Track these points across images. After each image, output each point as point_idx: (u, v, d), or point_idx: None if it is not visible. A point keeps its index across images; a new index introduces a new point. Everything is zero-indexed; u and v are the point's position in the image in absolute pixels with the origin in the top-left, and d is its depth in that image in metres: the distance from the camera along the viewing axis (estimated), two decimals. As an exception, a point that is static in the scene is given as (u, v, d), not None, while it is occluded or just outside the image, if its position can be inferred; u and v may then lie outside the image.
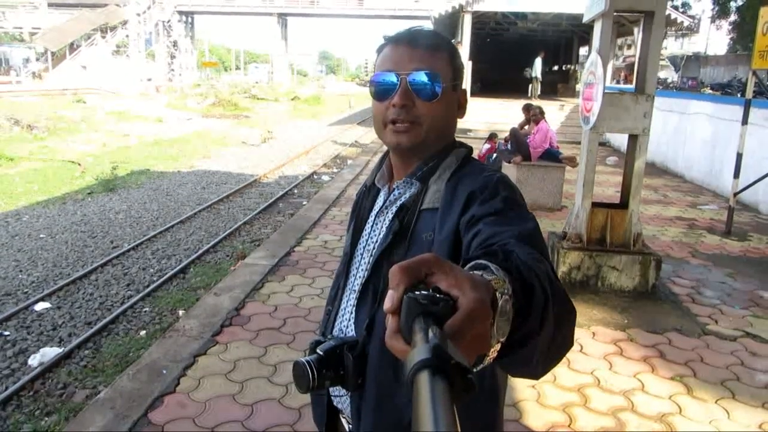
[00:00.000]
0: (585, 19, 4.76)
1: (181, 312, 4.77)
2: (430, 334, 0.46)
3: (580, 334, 3.85)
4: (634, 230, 4.63)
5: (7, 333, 4.43)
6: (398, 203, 1.08)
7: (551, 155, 7.49)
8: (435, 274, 0.54)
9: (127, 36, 36.02)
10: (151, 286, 5.37)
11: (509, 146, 7.84)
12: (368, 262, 1.09)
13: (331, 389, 1.14)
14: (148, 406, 2.90)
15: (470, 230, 0.89)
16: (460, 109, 1.11)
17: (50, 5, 37.54)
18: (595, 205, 4.68)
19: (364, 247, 1.13)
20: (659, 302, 4.49)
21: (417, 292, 0.52)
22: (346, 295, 1.14)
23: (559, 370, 3.36)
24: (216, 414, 2.86)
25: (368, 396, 1.03)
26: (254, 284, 4.60)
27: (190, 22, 40.88)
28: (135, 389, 3.05)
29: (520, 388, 3.15)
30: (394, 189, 1.10)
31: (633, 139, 4.60)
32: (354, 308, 1.10)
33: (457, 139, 1.14)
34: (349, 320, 1.11)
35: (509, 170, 7.82)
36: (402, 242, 1.03)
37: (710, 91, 14.74)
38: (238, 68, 66.07)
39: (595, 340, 3.80)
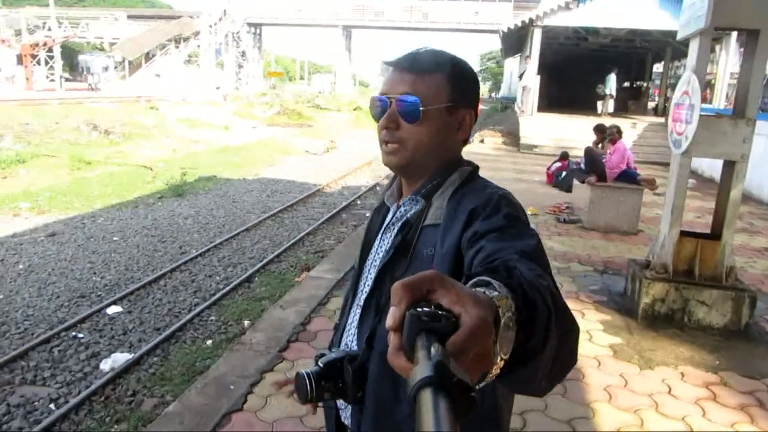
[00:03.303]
0: (679, 37, 4.48)
1: (246, 323, 4.77)
2: (433, 351, 0.46)
3: (667, 373, 3.57)
4: (727, 263, 4.29)
5: (81, 336, 4.53)
6: (403, 220, 1.11)
7: (628, 176, 7.13)
8: (437, 291, 0.53)
9: (198, 46, 37.36)
10: (217, 295, 5.41)
11: (582, 165, 7.53)
12: (372, 277, 1.11)
13: (339, 404, 1.17)
14: (216, 423, 2.85)
15: (472, 247, 0.90)
16: (460, 129, 1.11)
17: (129, 17, 39.49)
18: (683, 234, 4.38)
19: (371, 263, 1.16)
20: (753, 343, 4.12)
21: (419, 309, 0.51)
22: (353, 310, 1.16)
23: (647, 413, 3.11)
24: (284, 437, 2.77)
25: (367, 410, 1.04)
26: (320, 299, 4.53)
27: (259, 33, 41.98)
28: (203, 404, 3.01)
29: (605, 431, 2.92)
30: (400, 206, 1.14)
31: (729, 165, 4.28)
32: (358, 322, 1.12)
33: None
34: (354, 334, 1.13)
35: (582, 191, 7.53)
36: (404, 257, 1.05)
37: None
38: (302, 78, 67.43)
39: (684, 381, 3.50)
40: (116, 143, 16.14)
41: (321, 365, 1.03)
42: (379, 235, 1.17)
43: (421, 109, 1.03)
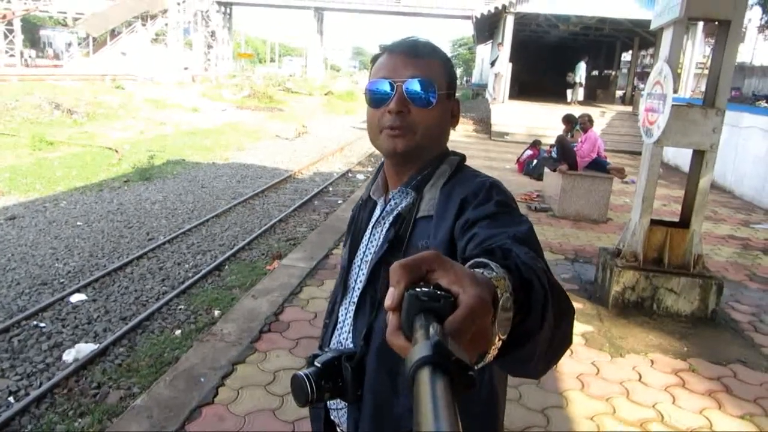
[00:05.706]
0: (653, 26, 4.50)
1: (216, 312, 4.67)
2: (431, 330, 0.46)
3: (637, 361, 3.62)
4: (695, 251, 4.36)
5: (43, 325, 4.37)
6: (394, 213, 1.09)
7: (599, 165, 7.21)
8: (436, 271, 0.53)
9: (166, 24, 36.29)
10: (186, 283, 5.27)
11: (554, 154, 7.57)
12: (365, 273, 1.09)
13: (329, 402, 1.15)
14: (186, 418, 2.77)
15: (465, 235, 0.90)
16: (453, 118, 1.12)
17: (94, -8, 38.09)
18: (653, 222, 4.43)
19: (361, 259, 1.13)
20: (719, 330, 4.22)
21: (418, 289, 0.51)
22: (344, 308, 1.14)
23: (618, 400, 3.15)
24: (256, 430, 2.71)
25: (365, 407, 1.03)
26: (292, 288, 4.46)
27: (229, 12, 40.97)
28: (172, 398, 2.93)
29: (578, 420, 2.94)
30: (390, 199, 1.11)
31: (699, 155, 4.34)
32: (352, 320, 1.10)
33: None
34: (348, 332, 1.11)
35: (553, 179, 7.57)
36: (398, 251, 1.03)
37: (766, 105, 14.15)
38: (272, 60, 66.39)
39: (654, 368, 3.55)
40: (80, 123, 15.64)
41: (318, 365, 1.01)
42: (369, 230, 1.14)
43: (438, 93, 1.03)
